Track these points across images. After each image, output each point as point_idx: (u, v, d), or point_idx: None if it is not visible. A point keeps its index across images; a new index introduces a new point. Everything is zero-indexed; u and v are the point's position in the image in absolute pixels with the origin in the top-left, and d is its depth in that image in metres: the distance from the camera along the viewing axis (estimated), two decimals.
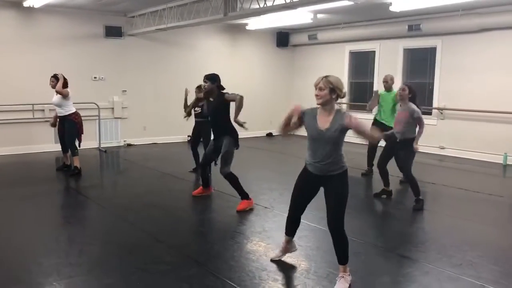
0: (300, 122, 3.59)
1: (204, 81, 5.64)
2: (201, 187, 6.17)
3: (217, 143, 5.66)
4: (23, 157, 9.07)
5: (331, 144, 3.46)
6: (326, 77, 3.47)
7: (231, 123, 5.71)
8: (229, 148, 5.57)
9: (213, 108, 5.67)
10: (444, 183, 7.27)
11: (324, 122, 3.47)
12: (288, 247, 4.07)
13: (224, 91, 5.68)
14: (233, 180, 5.62)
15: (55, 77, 7.26)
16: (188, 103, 7.50)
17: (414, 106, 5.74)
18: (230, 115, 5.72)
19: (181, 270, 3.87)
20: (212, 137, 5.89)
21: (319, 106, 3.52)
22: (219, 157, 5.69)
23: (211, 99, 5.70)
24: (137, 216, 5.43)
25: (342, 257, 3.58)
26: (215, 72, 5.85)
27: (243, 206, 5.57)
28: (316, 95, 3.47)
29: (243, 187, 5.66)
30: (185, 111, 7.43)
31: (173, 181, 7.16)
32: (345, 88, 3.58)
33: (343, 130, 3.45)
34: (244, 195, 5.64)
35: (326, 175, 3.54)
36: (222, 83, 5.74)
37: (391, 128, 7.19)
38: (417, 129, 5.81)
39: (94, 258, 4.13)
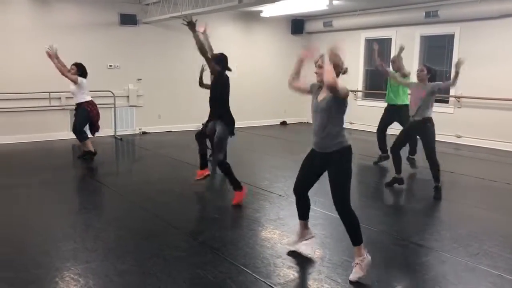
0: (309, 90, 3.74)
1: None
2: (198, 170, 5.91)
3: (213, 126, 5.56)
4: (40, 144, 9.19)
5: (325, 115, 3.50)
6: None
7: (227, 108, 5.54)
8: (222, 135, 5.43)
9: (212, 88, 5.57)
10: (461, 172, 7.18)
11: (322, 95, 3.56)
12: (304, 232, 4.01)
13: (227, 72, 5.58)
14: (225, 169, 5.44)
15: (76, 65, 7.32)
16: (204, 81, 7.31)
17: (434, 83, 5.65)
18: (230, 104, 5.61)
19: (195, 256, 3.90)
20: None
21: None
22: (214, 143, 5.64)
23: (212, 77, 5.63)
24: (152, 202, 5.47)
25: (354, 237, 3.55)
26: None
27: (239, 199, 5.37)
28: (316, 73, 3.54)
29: (236, 178, 5.48)
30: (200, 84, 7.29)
31: (188, 168, 7.19)
32: (346, 65, 3.54)
33: (334, 98, 3.43)
34: (237, 185, 5.42)
35: (326, 152, 3.54)
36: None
37: (403, 107, 7.08)
38: (432, 108, 5.72)
39: (110, 243, 4.17)
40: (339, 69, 3.49)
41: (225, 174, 5.50)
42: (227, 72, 5.59)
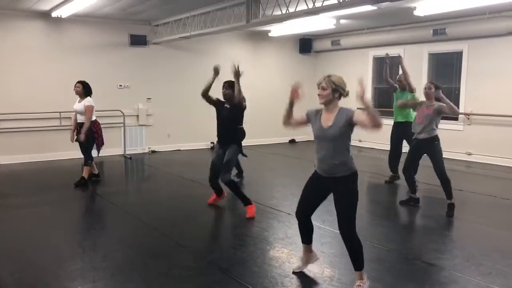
0: (306, 120, 3.65)
1: (225, 88, 5.60)
2: (214, 195, 6.06)
3: (224, 150, 5.62)
4: (50, 163, 9.26)
5: (334, 142, 3.42)
6: (328, 76, 3.46)
7: (239, 132, 5.67)
8: (232, 157, 5.54)
9: (227, 116, 5.60)
10: (472, 189, 7.10)
11: (327, 120, 3.46)
12: (309, 256, 3.94)
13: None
14: (235, 188, 5.58)
15: (80, 83, 7.35)
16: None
17: (439, 103, 5.63)
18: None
19: (203, 275, 3.87)
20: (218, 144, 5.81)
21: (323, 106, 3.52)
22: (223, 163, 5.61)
23: (226, 105, 5.64)
24: (160, 221, 5.47)
25: (357, 263, 3.49)
26: None
27: (252, 212, 5.53)
28: (319, 95, 3.47)
29: (245, 194, 5.63)
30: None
31: (197, 187, 7.19)
32: (348, 87, 3.49)
33: (348, 125, 3.37)
34: (247, 201, 5.60)
35: (332, 176, 3.46)
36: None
37: (410, 124, 7.05)
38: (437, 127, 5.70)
39: (117, 262, 4.17)
40: (342, 91, 3.44)
41: (234, 192, 5.59)
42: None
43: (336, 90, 3.42)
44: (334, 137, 3.42)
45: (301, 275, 3.88)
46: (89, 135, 7.26)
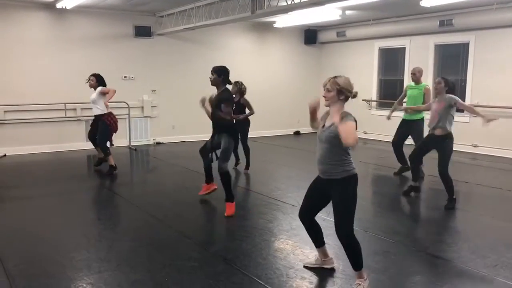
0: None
1: (211, 73, 5.50)
2: (204, 185, 5.96)
3: (217, 139, 5.51)
4: (55, 155, 9.29)
5: (328, 144, 3.36)
6: (334, 78, 3.39)
7: (231, 120, 5.56)
8: (228, 145, 5.39)
9: (216, 102, 5.47)
10: (478, 182, 7.06)
11: (327, 123, 3.42)
12: (324, 261, 3.84)
13: (229, 86, 5.58)
14: (227, 180, 5.39)
15: (95, 76, 7.39)
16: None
17: (451, 95, 5.58)
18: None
19: (208, 267, 3.88)
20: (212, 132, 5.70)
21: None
22: (219, 153, 5.52)
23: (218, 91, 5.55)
24: (165, 213, 5.48)
25: (356, 262, 3.43)
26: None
27: (231, 211, 5.33)
28: (324, 97, 3.42)
29: (232, 191, 5.45)
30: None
31: (201, 178, 7.15)
32: (355, 89, 3.40)
33: (337, 131, 3.25)
34: (230, 198, 5.38)
35: (329, 178, 3.42)
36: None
37: (417, 121, 7.08)
38: (453, 120, 5.65)
39: (123, 253, 4.18)
40: (348, 93, 3.35)
41: (224, 183, 5.39)
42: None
43: (341, 91, 3.34)
44: (327, 139, 3.36)
45: (305, 267, 3.88)
46: (105, 129, 7.33)
